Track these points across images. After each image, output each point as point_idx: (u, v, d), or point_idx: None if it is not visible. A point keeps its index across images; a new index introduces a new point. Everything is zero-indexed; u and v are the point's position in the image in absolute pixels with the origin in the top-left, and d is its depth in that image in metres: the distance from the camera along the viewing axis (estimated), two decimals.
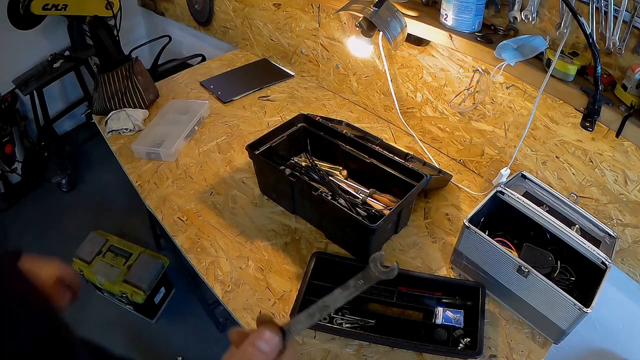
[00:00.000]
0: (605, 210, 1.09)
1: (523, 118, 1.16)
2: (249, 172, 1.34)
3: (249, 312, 0.99)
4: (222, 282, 1.05)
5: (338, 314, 0.96)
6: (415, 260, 1.10)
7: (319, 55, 1.68)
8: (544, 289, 0.88)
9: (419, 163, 1.22)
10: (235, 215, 1.22)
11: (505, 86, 1.15)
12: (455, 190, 1.30)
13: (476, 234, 0.95)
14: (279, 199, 1.24)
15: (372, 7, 1.07)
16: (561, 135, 1.09)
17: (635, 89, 0.86)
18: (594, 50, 0.85)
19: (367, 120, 1.58)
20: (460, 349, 0.90)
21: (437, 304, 0.97)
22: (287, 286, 1.04)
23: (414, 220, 1.21)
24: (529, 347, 0.93)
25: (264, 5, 1.76)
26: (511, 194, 1.02)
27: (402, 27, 1.12)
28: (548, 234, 0.98)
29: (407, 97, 1.45)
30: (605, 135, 0.99)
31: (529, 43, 0.96)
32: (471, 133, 1.32)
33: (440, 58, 1.27)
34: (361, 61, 1.53)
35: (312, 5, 1.55)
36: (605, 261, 0.89)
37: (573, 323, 0.87)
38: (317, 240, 1.15)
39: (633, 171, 0.99)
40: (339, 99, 1.70)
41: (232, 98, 1.69)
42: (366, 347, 0.93)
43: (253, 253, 1.12)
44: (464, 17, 1.05)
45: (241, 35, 2.00)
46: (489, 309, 0.98)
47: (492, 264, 0.96)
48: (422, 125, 1.45)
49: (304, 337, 0.94)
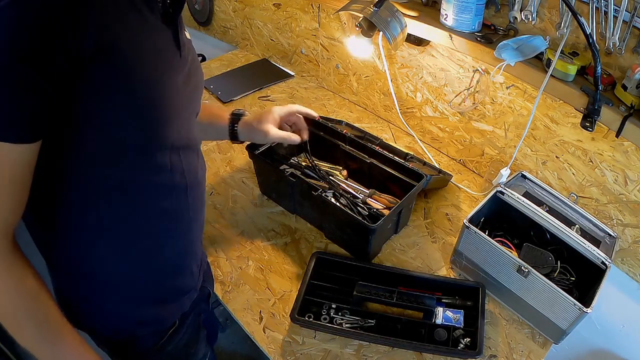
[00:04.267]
0: (605, 210, 1.09)
1: (523, 118, 1.16)
2: (249, 172, 1.34)
3: (249, 312, 0.99)
4: (222, 282, 1.05)
5: (338, 314, 0.96)
6: (415, 260, 1.10)
7: (319, 55, 1.68)
8: (544, 289, 0.88)
9: (419, 163, 1.22)
10: (235, 215, 1.22)
11: (505, 86, 1.15)
12: (455, 190, 1.30)
13: (476, 234, 0.95)
14: (279, 199, 1.24)
15: (372, 7, 1.07)
16: (561, 135, 1.09)
17: (635, 89, 0.86)
18: (594, 50, 0.85)
19: (367, 120, 1.58)
20: (460, 349, 0.90)
21: (437, 304, 0.97)
22: (287, 286, 1.04)
23: (414, 220, 1.21)
24: (529, 347, 0.93)
25: (264, 5, 1.76)
26: (511, 194, 1.02)
27: (402, 27, 1.12)
28: (548, 234, 0.98)
29: (407, 97, 1.45)
30: (605, 135, 0.99)
31: (529, 43, 0.96)
32: (471, 133, 1.32)
33: (440, 58, 1.27)
34: (361, 61, 1.53)
35: (312, 5, 1.55)
36: (605, 261, 0.89)
37: (573, 323, 0.87)
38: (317, 240, 1.15)
39: (633, 171, 0.99)
40: (339, 99, 1.70)
41: (232, 98, 1.68)
42: (366, 347, 0.93)
43: (253, 253, 1.12)
44: (464, 17, 1.05)
45: (241, 35, 2.00)
46: (489, 309, 0.98)
47: (492, 264, 0.96)
48: (422, 125, 1.46)
49: (304, 337, 0.94)
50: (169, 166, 0.66)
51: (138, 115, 0.58)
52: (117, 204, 0.64)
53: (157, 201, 0.67)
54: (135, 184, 0.63)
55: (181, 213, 0.72)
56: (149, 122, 0.60)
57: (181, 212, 0.72)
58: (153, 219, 0.68)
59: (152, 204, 0.67)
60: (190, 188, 0.71)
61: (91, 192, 0.61)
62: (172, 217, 0.71)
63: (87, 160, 0.58)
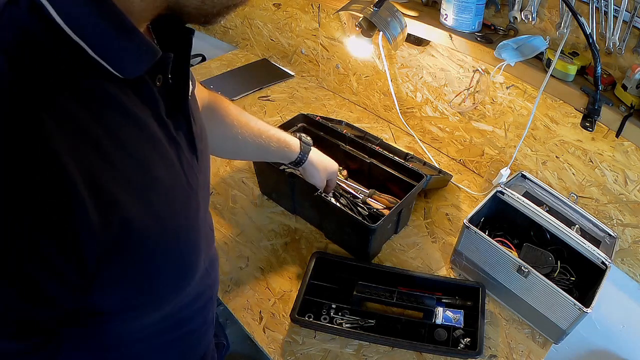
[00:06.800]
0: (605, 210, 1.09)
1: (523, 118, 1.16)
2: (249, 172, 1.34)
3: (249, 312, 0.99)
4: (222, 282, 1.05)
5: (338, 314, 0.96)
6: (415, 260, 1.10)
7: (319, 55, 1.68)
8: (544, 289, 0.88)
9: (419, 163, 1.22)
10: (235, 215, 1.22)
11: (505, 86, 1.15)
12: (455, 190, 1.30)
13: (476, 234, 0.95)
14: (279, 199, 1.24)
15: (372, 7, 1.07)
16: (561, 135, 1.09)
17: (635, 89, 0.86)
18: (594, 50, 0.85)
19: (367, 120, 1.58)
20: (460, 349, 0.90)
21: (437, 304, 0.97)
22: (287, 286, 1.04)
23: (414, 220, 1.21)
24: (529, 347, 0.93)
25: (264, 5, 1.76)
26: (511, 194, 1.02)
27: (402, 27, 1.12)
28: (548, 234, 0.98)
29: (407, 97, 1.45)
30: (605, 135, 0.99)
31: (529, 43, 0.96)
32: (471, 133, 1.32)
33: (440, 58, 1.27)
34: (361, 61, 1.53)
35: (312, 5, 1.55)
36: (605, 261, 0.89)
37: (573, 323, 0.87)
38: (317, 240, 1.15)
39: (633, 171, 0.99)
40: (339, 99, 1.70)
41: (232, 98, 1.68)
42: (366, 347, 0.93)
43: (253, 253, 1.12)
44: (464, 17, 1.05)
45: (241, 35, 2.00)
46: (489, 309, 0.98)
47: (492, 264, 0.96)
48: (422, 125, 1.45)
49: (304, 337, 0.94)
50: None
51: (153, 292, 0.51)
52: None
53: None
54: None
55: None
56: (173, 288, 0.53)
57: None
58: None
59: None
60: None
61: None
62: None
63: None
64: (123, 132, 0.40)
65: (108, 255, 0.40)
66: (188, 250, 0.52)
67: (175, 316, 0.59)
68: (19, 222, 0.34)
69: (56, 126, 0.34)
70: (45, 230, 0.35)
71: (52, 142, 0.34)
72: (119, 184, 0.39)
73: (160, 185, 0.45)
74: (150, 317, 0.55)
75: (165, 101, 0.46)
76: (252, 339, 0.95)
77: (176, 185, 0.48)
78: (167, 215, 0.46)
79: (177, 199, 0.48)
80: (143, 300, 0.50)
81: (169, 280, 0.51)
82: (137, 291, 0.47)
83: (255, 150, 0.94)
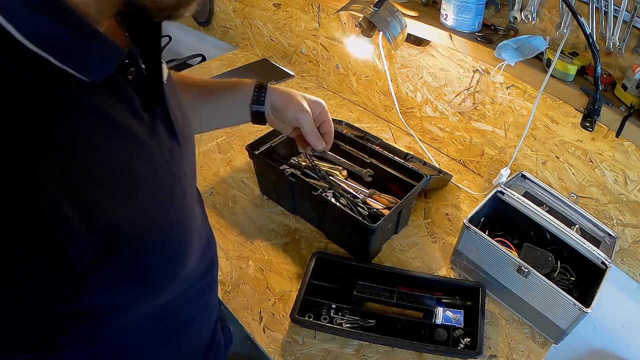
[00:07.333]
0: (605, 210, 1.09)
1: (523, 118, 1.16)
2: (249, 172, 1.34)
3: (249, 312, 0.99)
4: (222, 282, 1.05)
5: (338, 314, 0.96)
6: (415, 260, 1.10)
7: (319, 55, 1.68)
8: (544, 289, 0.88)
9: (419, 163, 1.22)
10: (235, 215, 1.22)
11: (505, 86, 1.15)
12: (455, 190, 1.30)
13: (476, 234, 0.95)
14: (279, 199, 1.24)
15: (372, 7, 1.07)
16: (561, 135, 1.09)
17: (635, 89, 0.86)
18: (594, 50, 0.85)
19: (367, 120, 1.58)
20: (460, 349, 0.90)
21: (437, 304, 0.97)
22: (287, 286, 1.04)
23: (414, 220, 1.21)
24: (529, 347, 0.93)
25: (264, 5, 1.76)
26: (511, 194, 1.02)
27: (402, 27, 1.12)
28: (548, 234, 0.98)
29: (407, 97, 1.45)
30: (605, 135, 0.99)
31: (529, 43, 0.96)
32: (471, 133, 1.32)
33: (440, 58, 1.27)
34: (361, 61, 1.53)
35: (312, 5, 1.55)
36: (605, 261, 0.89)
37: (573, 323, 0.87)
38: (317, 240, 1.15)
39: (633, 171, 0.99)
40: (339, 99, 1.70)
41: None
42: (366, 347, 0.93)
43: (253, 253, 1.12)
44: (464, 17, 1.05)
45: (241, 35, 2.00)
46: (489, 309, 0.98)
47: (492, 264, 0.96)
48: (422, 125, 1.46)
49: (304, 337, 0.94)
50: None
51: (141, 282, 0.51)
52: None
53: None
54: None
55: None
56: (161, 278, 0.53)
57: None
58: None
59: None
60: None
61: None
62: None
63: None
64: (99, 136, 0.40)
65: (98, 260, 0.40)
66: (178, 239, 0.52)
67: (175, 301, 0.60)
68: (6, 247, 0.33)
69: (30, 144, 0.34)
70: (33, 251, 0.34)
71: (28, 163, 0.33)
72: (100, 189, 0.39)
73: (143, 182, 0.45)
74: (149, 305, 0.55)
75: (141, 93, 0.45)
76: (252, 339, 0.95)
77: (159, 178, 0.48)
78: (152, 210, 0.46)
79: (161, 192, 0.48)
80: (139, 292, 0.50)
81: (162, 270, 0.51)
82: (131, 286, 0.47)
83: (206, 103, 0.81)
